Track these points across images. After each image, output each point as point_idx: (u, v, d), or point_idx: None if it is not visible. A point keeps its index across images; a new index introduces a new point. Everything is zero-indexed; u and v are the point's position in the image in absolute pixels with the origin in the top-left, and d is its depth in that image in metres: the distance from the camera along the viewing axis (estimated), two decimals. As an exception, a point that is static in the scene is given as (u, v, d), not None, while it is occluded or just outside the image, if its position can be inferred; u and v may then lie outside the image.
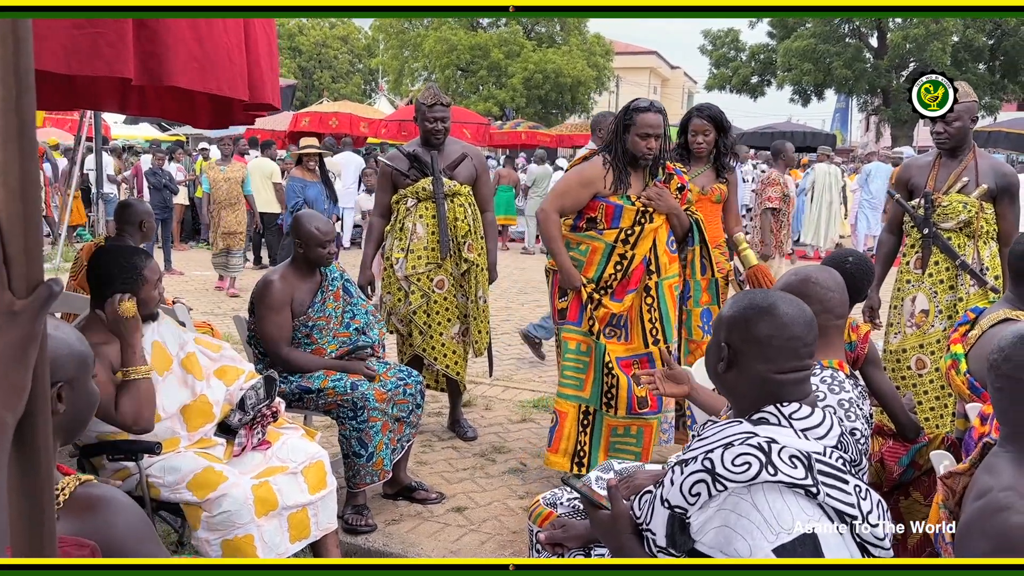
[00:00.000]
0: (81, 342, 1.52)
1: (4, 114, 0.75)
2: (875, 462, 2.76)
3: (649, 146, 3.52)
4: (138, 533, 1.40)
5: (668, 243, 3.63)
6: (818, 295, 2.18)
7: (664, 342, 3.59)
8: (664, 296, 3.60)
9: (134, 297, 2.62)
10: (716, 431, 1.56)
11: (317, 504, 2.77)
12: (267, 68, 2.87)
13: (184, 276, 10.29)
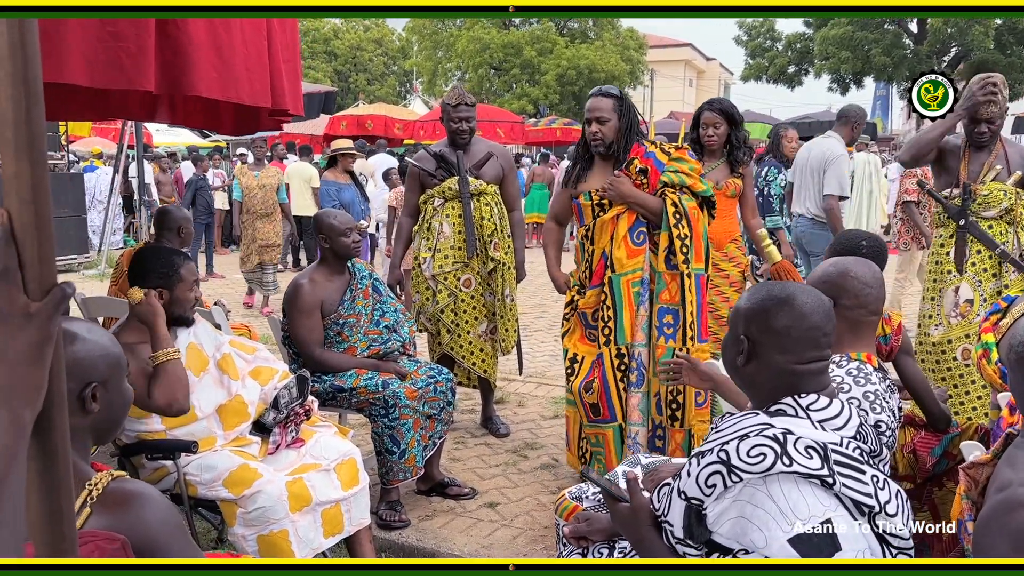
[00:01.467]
0: (114, 344, 1.58)
1: (15, 127, 0.79)
2: (908, 453, 2.73)
3: (592, 131, 3.38)
4: (168, 527, 1.46)
5: (632, 235, 3.34)
6: (855, 289, 2.17)
7: (615, 343, 3.34)
8: (618, 293, 3.35)
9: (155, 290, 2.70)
10: (732, 423, 1.56)
11: (350, 500, 2.82)
12: (288, 76, 2.93)
13: (225, 279, 10.49)
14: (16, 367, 0.77)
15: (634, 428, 3.35)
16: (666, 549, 1.58)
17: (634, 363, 3.33)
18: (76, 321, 1.60)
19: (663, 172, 3.34)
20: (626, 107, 3.38)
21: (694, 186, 3.35)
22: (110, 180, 11.24)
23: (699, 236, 3.34)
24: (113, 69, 2.23)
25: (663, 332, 3.32)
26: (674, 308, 3.31)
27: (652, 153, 3.37)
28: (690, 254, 3.29)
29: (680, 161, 3.38)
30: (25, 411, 0.77)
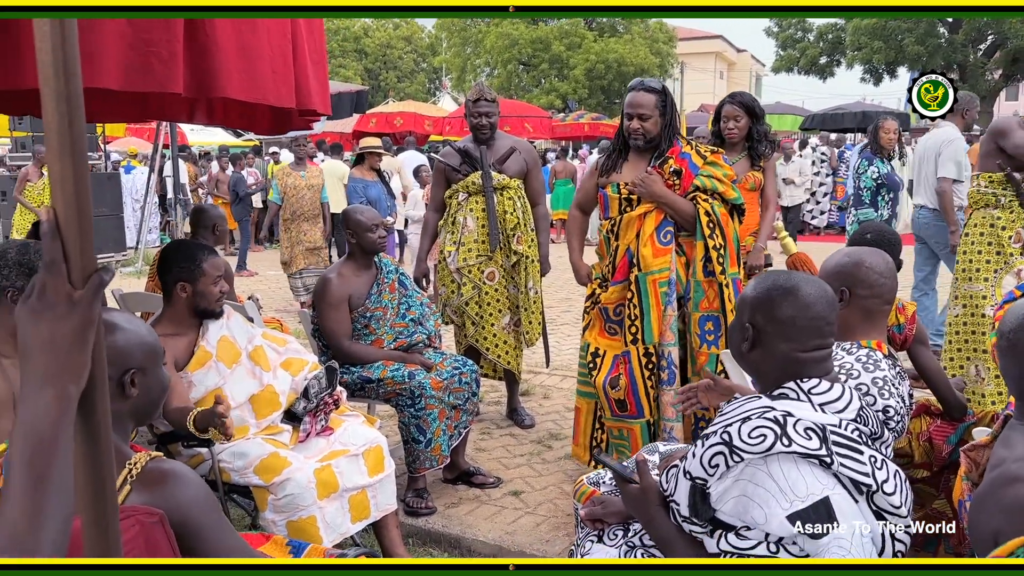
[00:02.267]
0: (151, 334, 1.68)
1: (59, 134, 0.89)
2: (923, 442, 2.75)
3: (632, 127, 3.32)
4: (202, 504, 1.55)
5: (659, 234, 3.30)
6: (870, 280, 2.22)
7: (643, 342, 3.31)
8: (645, 292, 3.29)
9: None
10: (735, 407, 1.63)
11: (376, 486, 2.92)
12: (315, 76, 3.03)
13: (258, 275, 10.70)
14: (63, 350, 0.86)
15: (670, 423, 3.36)
16: (673, 528, 1.65)
17: (664, 362, 3.33)
18: (116, 312, 1.71)
19: (697, 176, 3.30)
20: (669, 103, 3.34)
21: (726, 193, 3.31)
22: (146, 179, 11.51)
23: (731, 242, 3.34)
24: (145, 73, 2.34)
25: (705, 339, 3.31)
26: (714, 315, 3.31)
27: (688, 155, 3.34)
28: (726, 262, 3.29)
29: (715, 166, 3.35)
30: (71, 388, 0.86)
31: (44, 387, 0.85)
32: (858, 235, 2.72)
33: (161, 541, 1.45)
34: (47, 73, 0.87)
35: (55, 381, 0.86)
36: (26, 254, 2.18)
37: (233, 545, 1.59)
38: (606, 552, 1.88)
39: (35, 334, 0.86)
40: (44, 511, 0.85)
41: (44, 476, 0.85)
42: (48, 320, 0.86)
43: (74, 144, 0.87)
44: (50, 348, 0.86)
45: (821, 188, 14.10)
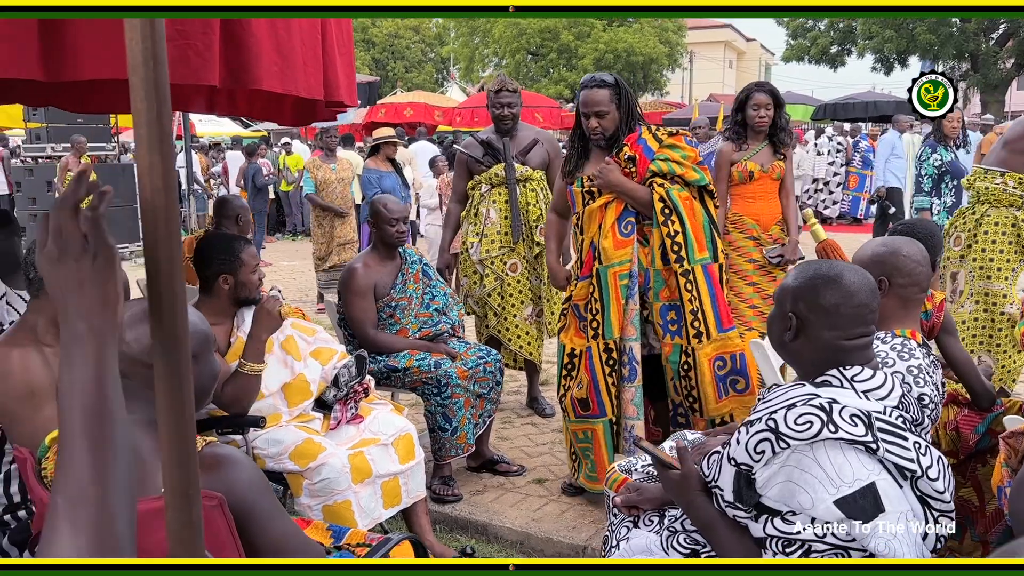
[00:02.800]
0: (202, 322, 1.72)
1: (148, 126, 0.92)
2: (950, 431, 2.78)
3: (591, 127, 3.21)
4: (257, 487, 1.59)
5: (620, 225, 3.19)
6: (908, 268, 2.24)
7: (603, 337, 3.21)
8: (606, 285, 3.20)
9: (284, 302, 2.82)
10: (779, 394, 1.65)
11: (407, 473, 2.97)
12: (342, 68, 3.06)
13: (273, 266, 10.75)
14: (90, 287, 0.88)
15: (629, 422, 3.24)
16: (715, 512, 1.68)
17: (626, 357, 3.22)
18: None
19: (652, 160, 3.17)
20: (624, 93, 3.20)
21: (686, 175, 3.15)
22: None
23: (698, 226, 3.16)
24: (181, 65, 2.37)
25: (668, 330, 3.20)
26: (675, 304, 3.18)
27: (644, 140, 3.21)
28: (686, 250, 3.12)
29: (672, 148, 3.20)
30: (80, 323, 0.88)
31: (81, 338, 0.87)
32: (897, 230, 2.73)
33: (220, 524, 1.48)
34: (136, 63, 0.91)
35: (88, 319, 0.88)
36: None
37: (286, 528, 1.63)
38: (645, 537, 1.91)
39: (60, 278, 0.88)
40: (105, 467, 0.86)
41: (101, 428, 0.87)
42: (69, 260, 0.88)
43: (162, 134, 0.91)
44: (77, 288, 0.88)
45: (835, 178, 14.05)
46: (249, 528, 1.56)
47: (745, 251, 4.39)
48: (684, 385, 3.21)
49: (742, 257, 4.41)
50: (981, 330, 3.86)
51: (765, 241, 4.34)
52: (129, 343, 1.57)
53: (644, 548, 1.88)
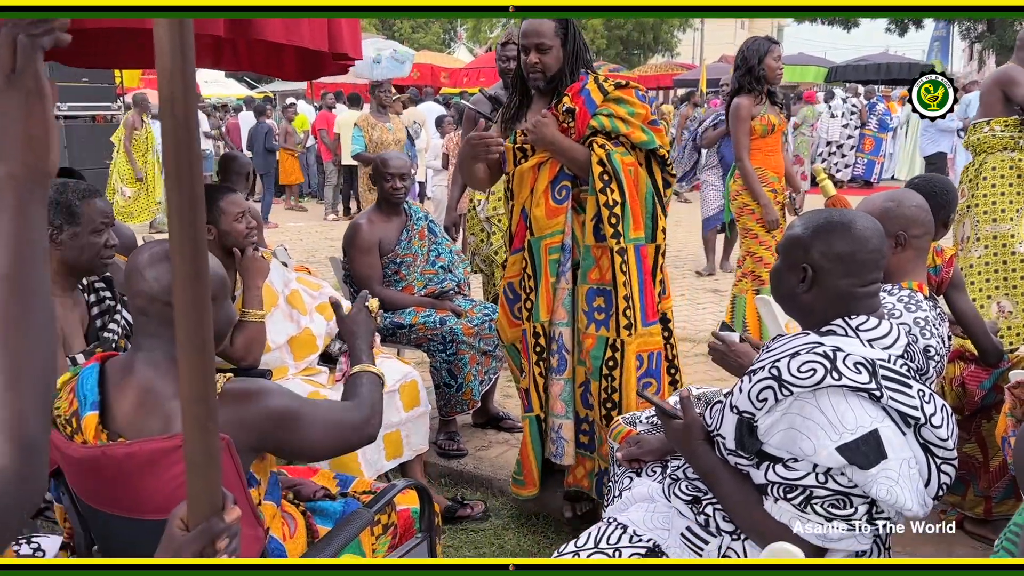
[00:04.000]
0: (219, 267, 1.73)
1: (172, 54, 0.91)
2: (956, 386, 2.78)
3: (530, 62, 2.70)
4: (288, 403, 1.62)
5: (554, 190, 2.74)
6: (921, 218, 2.22)
7: (531, 320, 2.82)
8: (538, 260, 2.77)
9: (260, 248, 2.82)
10: (783, 343, 1.64)
11: (409, 425, 2.99)
12: (346, 20, 3.02)
13: (279, 227, 10.75)
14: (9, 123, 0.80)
15: (557, 420, 2.83)
16: (717, 460, 1.68)
17: (554, 345, 2.80)
18: None
19: (593, 115, 2.68)
20: (571, 31, 2.72)
21: (632, 135, 2.67)
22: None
23: (637, 199, 2.70)
24: (185, 15, 2.35)
25: (593, 318, 2.72)
26: (605, 289, 2.71)
27: (587, 91, 2.71)
28: (623, 224, 2.65)
29: (619, 102, 2.70)
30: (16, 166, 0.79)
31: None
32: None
33: (228, 465, 1.50)
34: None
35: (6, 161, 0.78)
36: (64, 193, 2.21)
37: (325, 417, 1.68)
38: (648, 485, 1.92)
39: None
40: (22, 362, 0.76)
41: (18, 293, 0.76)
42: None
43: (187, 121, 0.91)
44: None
45: (848, 141, 13.91)
46: (294, 436, 1.61)
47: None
48: (604, 387, 2.73)
49: (752, 217, 4.46)
50: (994, 274, 3.92)
51: (781, 193, 4.40)
52: (149, 281, 1.59)
53: (646, 495, 1.89)
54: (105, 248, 2.28)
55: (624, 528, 1.80)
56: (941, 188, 2.58)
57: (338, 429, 1.68)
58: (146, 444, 1.53)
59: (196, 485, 1.02)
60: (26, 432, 0.75)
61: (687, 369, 4.76)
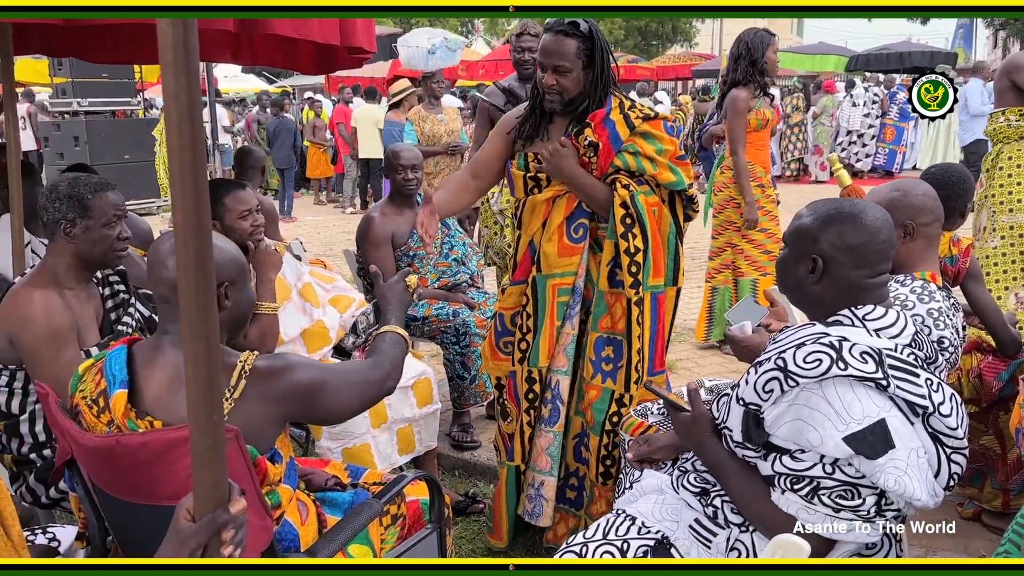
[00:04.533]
0: (238, 252, 1.78)
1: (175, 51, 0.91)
2: (974, 378, 2.75)
3: (547, 83, 2.43)
4: (315, 375, 1.68)
5: (570, 227, 2.52)
6: (929, 206, 2.20)
7: (525, 362, 2.60)
8: (542, 299, 2.55)
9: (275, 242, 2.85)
10: (789, 334, 1.63)
11: (421, 422, 3.00)
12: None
13: (298, 221, 10.82)
14: None
15: (539, 476, 2.61)
16: (725, 453, 1.68)
17: (549, 393, 2.60)
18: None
19: (618, 152, 2.46)
20: (598, 51, 2.42)
21: (659, 175, 2.47)
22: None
23: (660, 244, 2.52)
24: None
25: (600, 369, 2.53)
26: (616, 338, 2.52)
27: (611, 122, 2.46)
28: (643, 272, 2.46)
29: (646, 138, 2.48)
30: None
31: None
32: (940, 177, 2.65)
33: (236, 455, 1.51)
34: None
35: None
36: (76, 187, 2.24)
37: (349, 380, 1.75)
38: (657, 477, 1.92)
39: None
40: None
41: None
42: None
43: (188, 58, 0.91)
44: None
45: (869, 130, 13.74)
46: (322, 404, 1.69)
47: (757, 200, 4.48)
48: (605, 443, 2.55)
49: (736, 211, 4.53)
50: (1012, 265, 3.89)
51: (768, 186, 4.49)
52: (170, 269, 1.64)
53: (656, 487, 1.89)
54: (118, 240, 2.29)
55: (633, 520, 1.80)
56: (958, 177, 2.55)
57: (360, 388, 1.76)
58: (159, 434, 1.56)
59: (202, 477, 1.03)
60: None
61: (702, 362, 4.76)
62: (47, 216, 2.21)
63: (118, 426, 1.60)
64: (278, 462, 1.71)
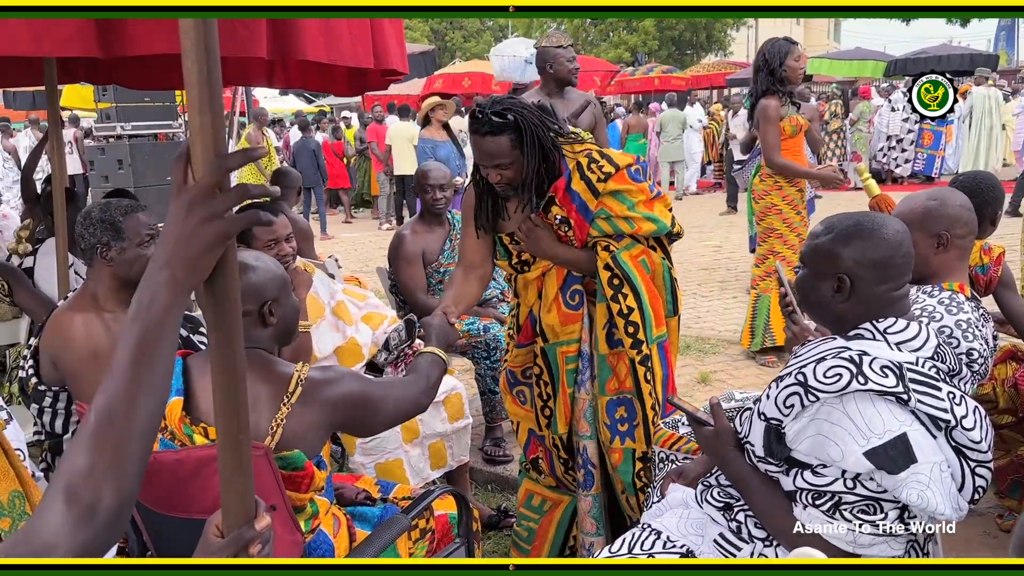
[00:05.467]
0: (278, 266, 1.88)
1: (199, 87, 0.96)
2: (1009, 387, 2.71)
3: (494, 180, 2.35)
4: (356, 388, 1.78)
5: (565, 296, 2.47)
6: (965, 218, 2.17)
7: (550, 428, 2.58)
8: (555, 367, 2.52)
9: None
10: (810, 348, 1.64)
11: (452, 436, 3.04)
12: (391, 35, 3.08)
13: (335, 238, 10.98)
14: (193, 248, 0.92)
15: (587, 539, 2.59)
16: (748, 467, 1.68)
17: (579, 459, 2.57)
18: (246, 252, 1.89)
19: (591, 223, 2.38)
20: (530, 133, 2.30)
21: (639, 230, 2.39)
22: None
23: (656, 292, 2.46)
24: (229, 38, 2.43)
25: (616, 431, 2.48)
26: (627, 397, 2.47)
27: (574, 192, 2.37)
28: (643, 330, 2.41)
29: (616, 197, 2.38)
30: (183, 277, 0.92)
31: (162, 270, 0.92)
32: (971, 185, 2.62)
33: (266, 471, 1.57)
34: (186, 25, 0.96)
35: (174, 267, 0.92)
36: (108, 211, 2.32)
37: (389, 394, 1.85)
38: (683, 491, 1.93)
39: (176, 225, 0.92)
40: (142, 387, 0.91)
41: (146, 352, 0.91)
42: (195, 217, 0.92)
43: (212, 95, 0.95)
44: (183, 242, 0.92)
45: (909, 135, 13.53)
46: (366, 414, 1.80)
47: (795, 203, 4.53)
48: (640, 501, 2.51)
49: (793, 210, 4.55)
50: None
51: (806, 191, 4.56)
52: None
53: (680, 501, 1.90)
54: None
55: (658, 534, 1.81)
56: (987, 185, 2.52)
57: (400, 404, 1.87)
58: (192, 452, 1.62)
59: (229, 494, 1.07)
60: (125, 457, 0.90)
61: (736, 373, 4.73)
62: (84, 243, 2.30)
63: (171, 432, 1.67)
64: (323, 469, 1.77)
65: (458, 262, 2.67)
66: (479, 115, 2.29)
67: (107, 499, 0.88)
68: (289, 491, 1.64)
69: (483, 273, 2.60)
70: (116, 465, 0.89)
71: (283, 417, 1.65)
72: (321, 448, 1.75)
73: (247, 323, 1.74)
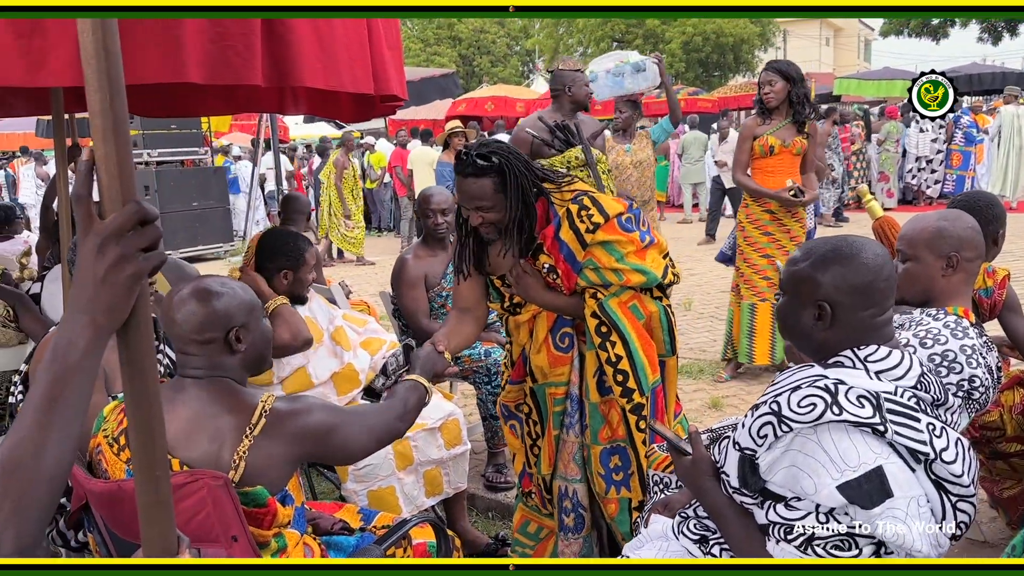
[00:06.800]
0: (246, 291, 1.83)
1: (103, 115, 0.94)
2: (1016, 414, 2.61)
3: (475, 223, 2.34)
4: (324, 418, 1.74)
5: (555, 338, 2.45)
6: (975, 241, 2.12)
7: (536, 472, 2.58)
8: (543, 407, 2.53)
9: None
10: (786, 376, 1.58)
11: (449, 463, 3.00)
12: (390, 61, 3.08)
13: (353, 262, 11.04)
14: (109, 290, 0.90)
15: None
16: (724, 498, 1.63)
17: (569, 503, 2.54)
18: (211, 279, 1.84)
19: (579, 273, 2.35)
20: (514, 176, 2.27)
21: (628, 282, 2.33)
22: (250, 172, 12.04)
23: (648, 339, 2.39)
24: (223, 66, 2.43)
25: (611, 481, 2.43)
26: (620, 446, 2.43)
27: (562, 240, 2.34)
28: (633, 378, 2.35)
29: (604, 247, 2.33)
30: (102, 321, 0.91)
31: (81, 314, 0.90)
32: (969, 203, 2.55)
33: (226, 501, 1.54)
34: (88, 54, 0.93)
35: (94, 311, 0.90)
36: None
37: (361, 423, 1.81)
38: (663, 523, 1.88)
39: (90, 268, 0.91)
40: (51, 433, 0.89)
41: (59, 396, 0.89)
42: (107, 259, 0.90)
43: (116, 123, 0.92)
44: (99, 286, 0.90)
45: (938, 156, 13.32)
46: (333, 445, 1.76)
47: (761, 224, 4.66)
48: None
49: (757, 230, 4.69)
50: None
51: (781, 214, 4.60)
52: (179, 324, 1.74)
53: (661, 534, 1.84)
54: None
55: (638, 567, 1.76)
56: (985, 203, 2.45)
57: (373, 431, 1.83)
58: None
59: (150, 530, 1.05)
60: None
61: (749, 399, 4.63)
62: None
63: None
64: (288, 504, 1.73)
65: (452, 305, 2.65)
66: (464, 156, 2.28)
67: (6, 547, 0.87)
68: (251, 527, 1.61)
69: (478, 315, 2.59)
70: (19, 512, 0.87)
71: (245, 450, 1.62)
72: (287, 482, 1.71)
73: (212, 351, 1.72)
